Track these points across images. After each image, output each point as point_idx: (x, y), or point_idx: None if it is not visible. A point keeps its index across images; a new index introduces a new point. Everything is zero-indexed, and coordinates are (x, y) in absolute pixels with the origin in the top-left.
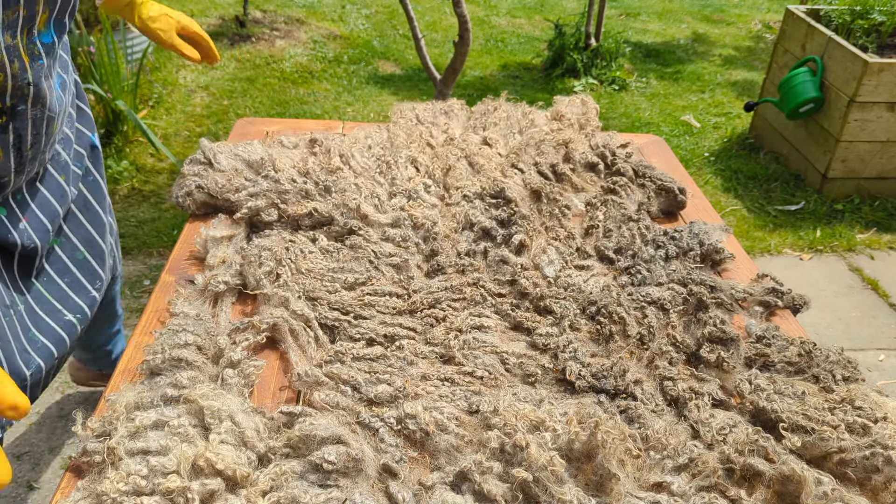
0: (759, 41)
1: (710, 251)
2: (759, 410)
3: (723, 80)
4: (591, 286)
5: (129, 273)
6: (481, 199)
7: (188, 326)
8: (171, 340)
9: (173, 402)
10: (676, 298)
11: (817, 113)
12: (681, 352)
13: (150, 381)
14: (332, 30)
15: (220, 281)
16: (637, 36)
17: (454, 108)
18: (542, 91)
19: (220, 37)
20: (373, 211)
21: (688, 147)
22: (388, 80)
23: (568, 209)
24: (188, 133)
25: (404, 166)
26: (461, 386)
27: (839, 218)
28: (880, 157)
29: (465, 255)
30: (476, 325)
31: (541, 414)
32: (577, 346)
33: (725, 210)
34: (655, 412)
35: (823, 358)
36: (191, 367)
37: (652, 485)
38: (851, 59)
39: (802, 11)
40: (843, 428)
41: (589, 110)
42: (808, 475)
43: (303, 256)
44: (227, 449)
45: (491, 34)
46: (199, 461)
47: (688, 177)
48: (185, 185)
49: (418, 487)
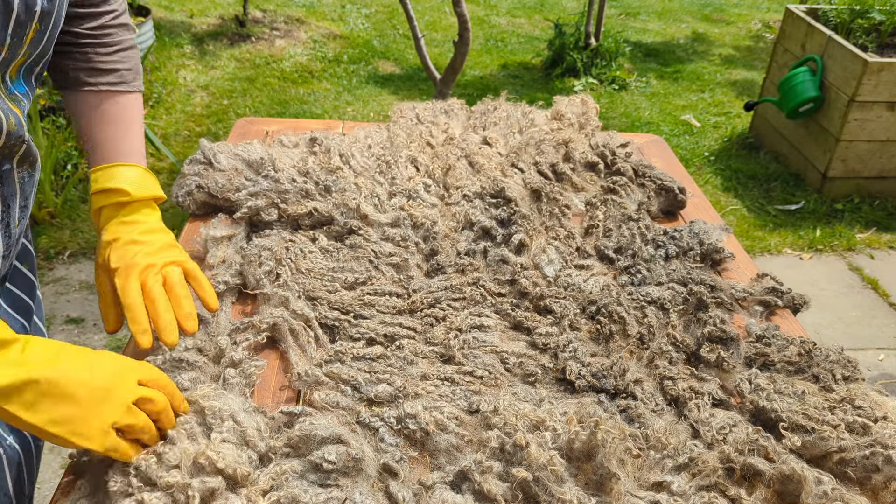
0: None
1: (710, 251)
2: (759, 410)
3: (723, 80)
4: (591, 286)
5: None
6: (481, 199)
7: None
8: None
9: None
10: (676, 298)
11: (817, 112)
12: (681, 351)
13: None
14: (332, 29)
15: (220, 281)
16: (637, 35)
17: (454, 107)
18: (542, 91)
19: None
20: (373, 210)
21: (688, 147)
22: (388, 79)
23: (568, 209)
24: (188, 133)
25: (404, 166)
26: (461, 385)
27: (839, 217)
28: (880, 157)
29: (464, 254)
30: (476, 324)
31: (541, 413)
32: (577, 346)
33: (725, 210)
34: (655, 412)
35: (823, 357)
36: (192, 368)
37: (652, 484)
38: (851, 58)
39: (802, 11)
40: (843, 427)
41: (589, 110)
42: (807, 475)
43: (303, 256)
44: (228, 448)
45: (491, 34)
46: (199, 459)
47: (688, 176)
48: (185, 185)
49: (418, 487)
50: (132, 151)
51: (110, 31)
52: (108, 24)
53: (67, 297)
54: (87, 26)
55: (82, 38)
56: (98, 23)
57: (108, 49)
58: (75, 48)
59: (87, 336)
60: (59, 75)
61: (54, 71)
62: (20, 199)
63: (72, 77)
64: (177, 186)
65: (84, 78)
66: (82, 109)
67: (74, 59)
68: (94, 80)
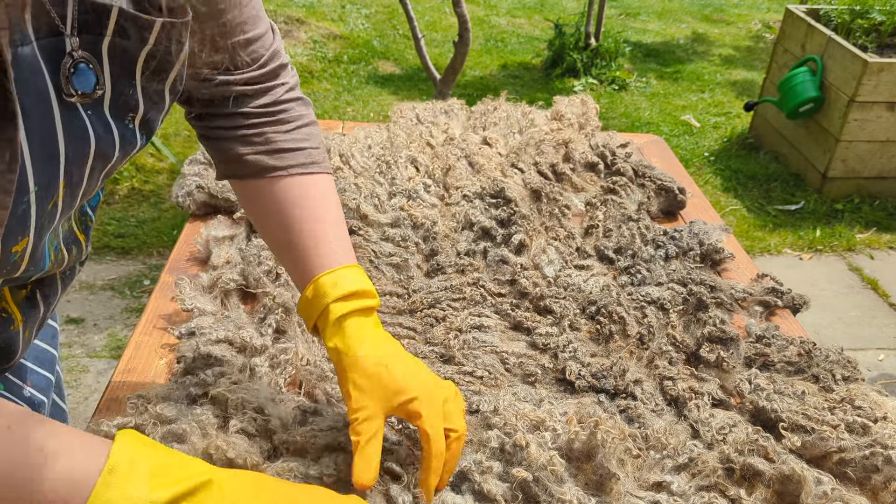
0: (759, 41)
1: (710, 251)
2: (758, 410)
3: (723, 80)
4: (591, 286)
5: (129, 273)
6: (481, 199)
7: (214, 323)
8: (202, 338)
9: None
10: (676, 298)
11: (817, 113)
12: (681, 351)
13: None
14: (332, 29)
15: (228, 279)
16: (637, 36)
17: (454, 107)
18: (542, 91)
19: None
20: (372, 211)
21: (688, 147)
22: (388, 79)
23: (568, 209)
24: (188, 133)
25: (404, 166)
26: (461, 385)
27: (839, 218)
28: (880, 157)
29: (464, 254)
30: (476, 324)
31: (541, 414)
32: (576, 346)
33: (725, 210)
34: (655, 412)
35: (823, 358)
36: (220, 363)
37: (652, 484)
38: (851, 58)
39: (802, 11)
40: (842, 427)
41: (589, 110)
42: (807, 475)
43: None
44: (240, 438)
45: (491, 34)
46: (209, 449)
47: (688, 177)
48: (185, 185)
49: (419, 490)
50: (349, 248)
51: (285, 107)
52: (281, 99)
53: (67, 297)
54: (256, 105)
55: (254, 117)
56: (269, 99)
57: (288, 126)
58: (249, 130)
59: (87, 336)
60: (234, 165)
61: (226, 161)
62: (60, 292)
63: (251, 163)
64: (177, 186)
65: (269, 162)
66: (273, 201)
67: (251, 144)
68: (281, 163)
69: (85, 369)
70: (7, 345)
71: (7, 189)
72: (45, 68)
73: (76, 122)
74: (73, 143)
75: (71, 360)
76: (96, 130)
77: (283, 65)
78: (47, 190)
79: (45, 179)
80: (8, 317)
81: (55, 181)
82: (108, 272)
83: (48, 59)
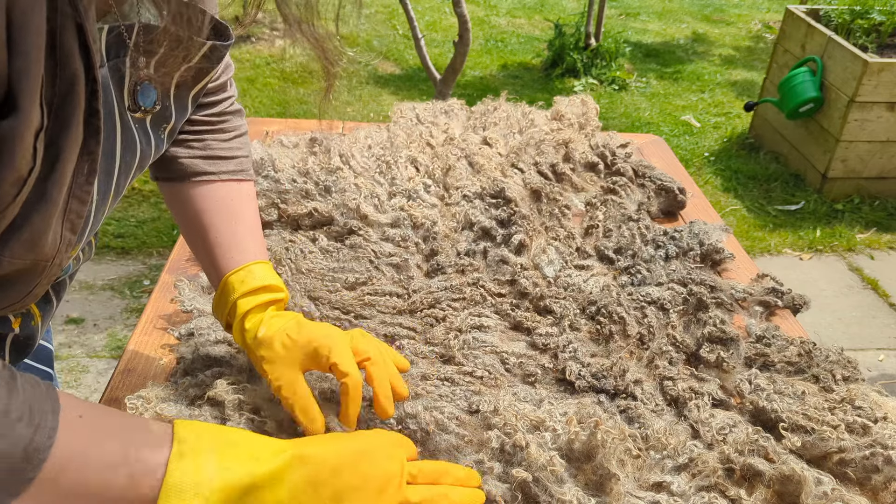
0: (759, 41)
1: (710, 251)
2: (759, 410)
3: (723, 80)
4: (591, 286)
5: (129, 273)
6: (481, 199)
7: (214, 323)
8: (201, 339)
9: (199, 400)
10: (676, 298)
11: (817, 113)
12: (681, 352)
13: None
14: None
15: None
16: (637, 36)
17: (454, 107)
18: (542, 91)
19: None
20: (373, 211)
21: (688, 147)
22: (388, 80)
23: (568, 209)
24: None
25: (404, 166)
26: (461, 386)
27: (839, 218)
28: (880, 157)
29: (464, 254)
30: (476, 324)
31: (541, 414)
32: (577, 346)
33: (725, 210)
34: (655, 412)
35: (823, 358)
36: (219, 363)
37: (652, 485)
38: (851, 58)
39: (802, 11)
40: (843, 428)
41: (589, 110)
42: (808, 475)
43: (303, 256)
44: None
45: (491, 34)
46: None
47: (688, 177)
48: None
49: None
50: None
51: (227, 118)
52: (226, 110)
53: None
54: (204, 114)
55: (199, 124)
56: (217, 109)
57: (226, 136)
58: (191, 135)
59: (87, 336)
60: (167, 165)
61: (160, 161)
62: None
63: (186, 166)
64: None
65: (203, 167)
66: (200, 202)
67: (190, 148)
68: (214, 168)
69: (85, 369)
70: (28, 337)
71: (84, 200)
72: (112, 87)
73: (128, 135)
74: (125, 155)
75: (71, 360)
76: (141, 142)
77: (230, 78)
78: (103, 200)
79: (103, 190)
80: (29, 313)
81: (109, 191)
82: (108, 272)
83: (114, 77)
